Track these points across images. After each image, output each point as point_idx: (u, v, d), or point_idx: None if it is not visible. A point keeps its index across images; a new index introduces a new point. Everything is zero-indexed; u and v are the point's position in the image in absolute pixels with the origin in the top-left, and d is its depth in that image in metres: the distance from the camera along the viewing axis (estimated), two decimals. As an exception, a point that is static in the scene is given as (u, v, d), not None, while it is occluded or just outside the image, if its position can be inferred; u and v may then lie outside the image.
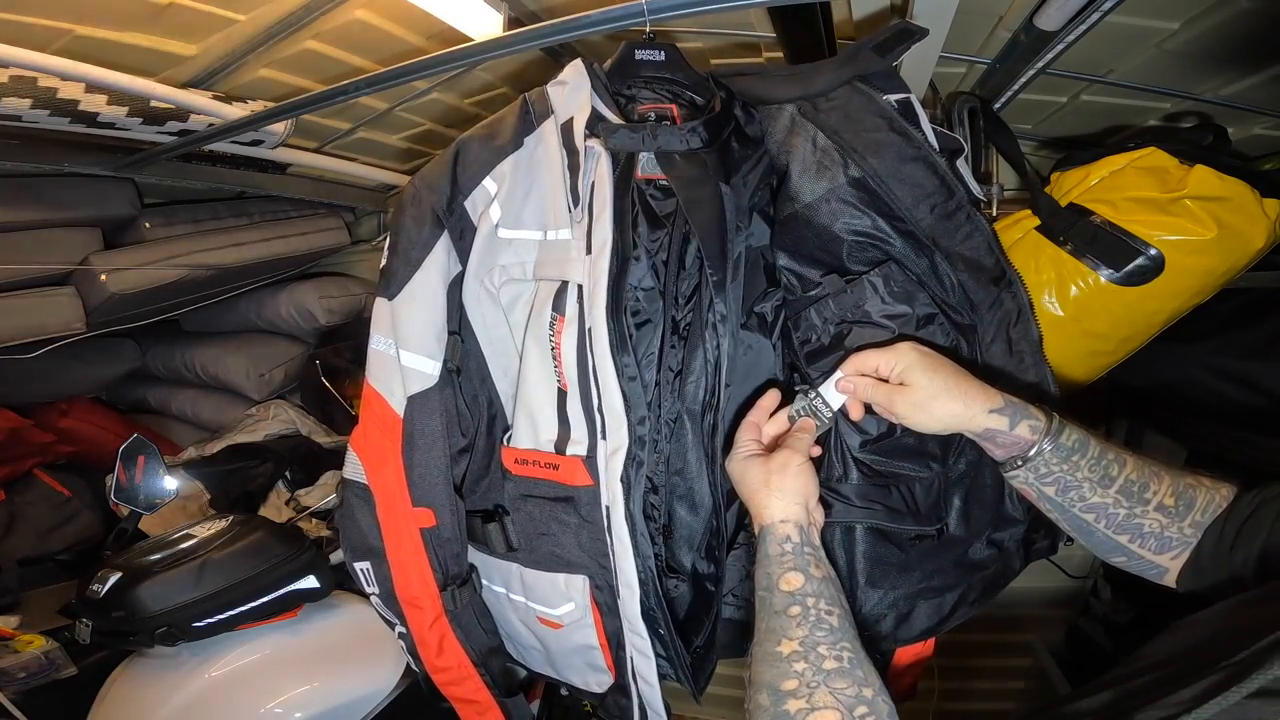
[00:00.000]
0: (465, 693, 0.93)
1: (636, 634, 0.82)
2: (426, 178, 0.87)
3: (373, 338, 0.87)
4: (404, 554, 0.87)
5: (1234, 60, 1.13)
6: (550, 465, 0.84)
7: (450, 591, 0.88)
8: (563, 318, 0.81)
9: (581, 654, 0.91)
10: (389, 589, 0.88)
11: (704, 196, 0.83)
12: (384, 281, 0.87)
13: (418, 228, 0.85)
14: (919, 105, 0.85)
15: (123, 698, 1.19)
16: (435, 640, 0.89)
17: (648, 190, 0.88)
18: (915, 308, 0.82)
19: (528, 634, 0.95)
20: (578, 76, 0.87)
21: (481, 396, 0.91)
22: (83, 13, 1.14)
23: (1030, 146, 1.66)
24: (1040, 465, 0.69)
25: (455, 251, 0.86)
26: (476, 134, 0.88)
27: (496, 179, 0.85)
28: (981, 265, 0.84)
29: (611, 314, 0.78)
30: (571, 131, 0.83)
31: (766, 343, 0.89)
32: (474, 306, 0.88)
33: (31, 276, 1.71)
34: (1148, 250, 1.10)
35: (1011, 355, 0.85)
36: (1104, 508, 0.68)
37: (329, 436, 2.31)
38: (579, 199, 0.81)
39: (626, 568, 0.79)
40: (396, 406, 0.85)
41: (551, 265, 0.82)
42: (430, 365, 0.85)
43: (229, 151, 1.68)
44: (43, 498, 1.98)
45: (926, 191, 0.82)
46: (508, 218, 0.85)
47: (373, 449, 0.87)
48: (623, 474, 0.78)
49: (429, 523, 0.86)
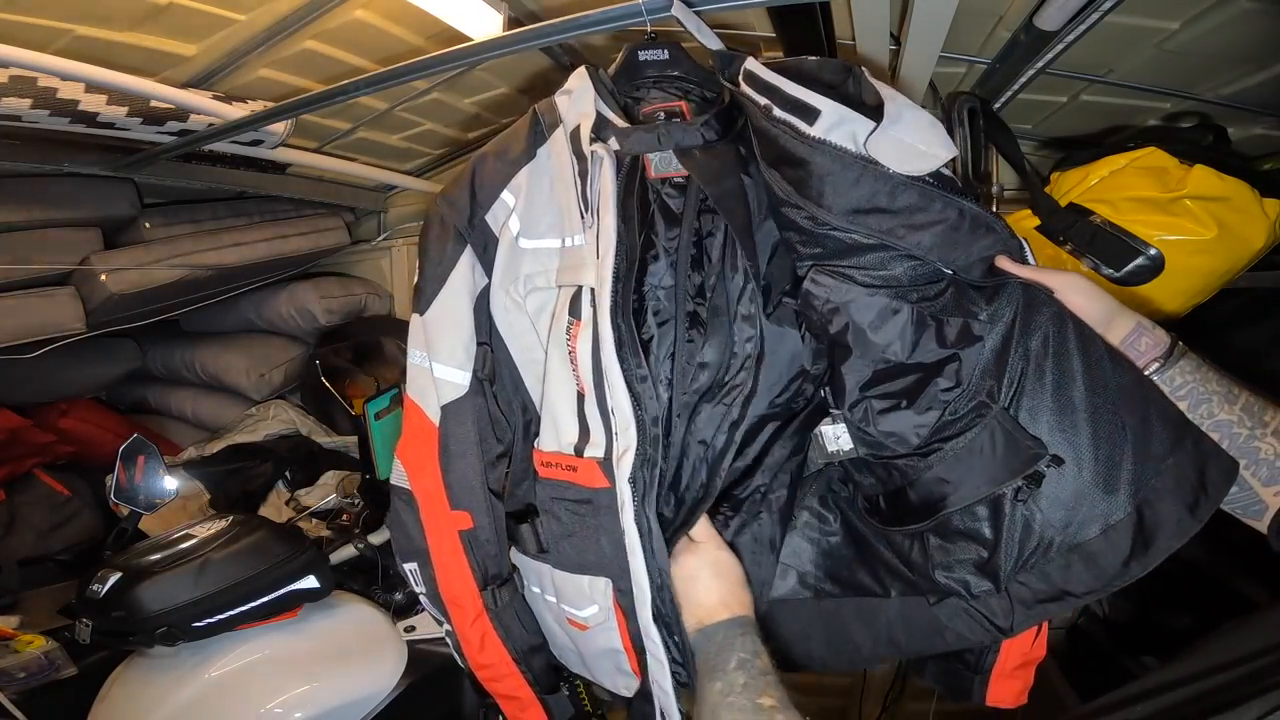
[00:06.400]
0: (507, 689, 0.95)
1: (649, 638, 0.82)
2: (448, 196, 0.90)
3: (410, 352, 0.91)
4: (445, 555, 0.90)
5: (1234, 60, 1.13)
6: (570, 467, 0.85)
7: (490, 590, 0.91)
8: (579, 322, 0.82)
9: (609, 657, 0.91)
10: (434, 589, 0.91)
11: (729, 189, 0.84)
12: (416, 298, 0.90)
13: (441, 245, 0.87)
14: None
15: (123, 698, 1.19)
16: (477, 638, 0.92)
17: (663, 189, 0.88)
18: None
19: (562, 635, 0.96)
20: (582, 84, 0.88)
21: (516, 403, 0.93)
22: (83, 13, 1.14)
23: (1030, 146, 1.66)
24: (1176, 375, 0.73)
25: (480, 265, 0.89)
26: (491, 149, 0.90)
27: (513, 191, 0.87)
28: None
29: (619, 314, 0.78)
30: (579, 138, 0.84)
31: (794, 334, 0.88)
32: (502, 316, 0.90)
33: (31, 276, 1.72)
34: (1148, 250, 1.10)
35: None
36: (1229, 425, 0.71)
37: (329, 436, 2.31)
38: (589, 204, 0.82)
39: (638, 570, 0.79)
40: (432, 416, 0.89)
41: (569, 271, 0.84)
42: (461, 376, 0.88)
43: (229, 151, 1.68)
44: (43, 498, 1.98)
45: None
46: (527, 228, 0.86)
47: (414, 456, 0.90)
48: (632, 474, 0.78)
49: (466, 525, 0.89)
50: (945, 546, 0.78)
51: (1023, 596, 0.77)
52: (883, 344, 0.77)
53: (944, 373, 0.75)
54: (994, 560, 0.75)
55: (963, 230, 0.74)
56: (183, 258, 1.92)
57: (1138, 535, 0.71)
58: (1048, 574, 0.75)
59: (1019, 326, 0.74)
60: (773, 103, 0.77)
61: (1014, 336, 0.74)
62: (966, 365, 0.75)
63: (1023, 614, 0.77)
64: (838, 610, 0.90)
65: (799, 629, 0.93)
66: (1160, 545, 0.70)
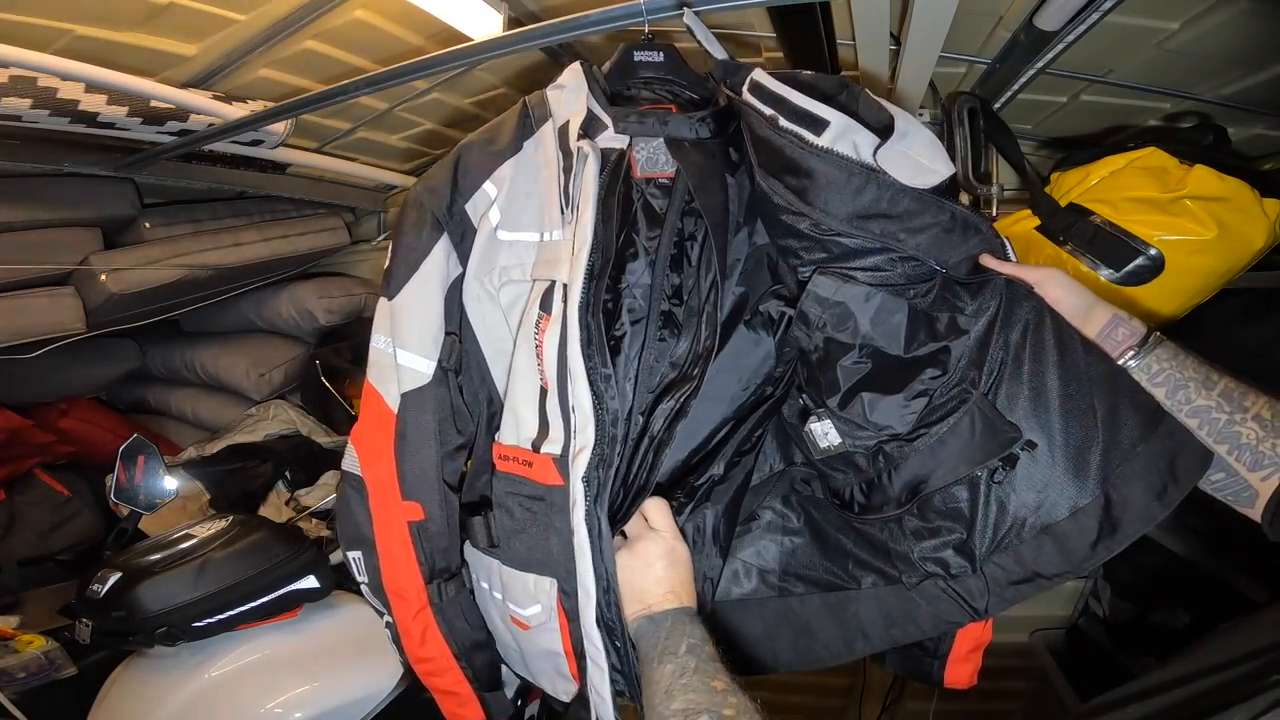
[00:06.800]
0: (446, 684, 0.94)
1: (591, 643, 0.80)
2: (429, 181, 0.89)
3: (374, 336, 0.89)
4: (392, 545, 0.88)
5: (1234, 60, 1.13)
6: (525, 462, 0.84)
7: (436, 584, 0.90)
8: (548, 316, 0.81)
9: (549, 659, 0.91)
10: (377, 579, 0.90)
11: (712, 187, 0.85)
12: (385, 282, 0.89)
13: (417, 231, 0.86)
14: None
15: (123, 698, 1.19)
16: (419, 631, 0.90)
17: (647, 189, 0.89)
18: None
19: (506, 633, 0.95)
20: (575, 79, 0.88)
21: (482, 394, 0.92)
22: (83, 13, 1.14)
23: (1030, 146, 1.66)
24: (1153, 362, 0.74)
25: (455, 254, 0.87)
26: (477, 138, 0.89)
27: (496, 182, 0.86)
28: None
29: (588, 312, 0.78)
30: (567, 134, 0.84)
31: (768, 340, 0.89)
32: (474, 307, 0.89)
33: (31, 276, 1.72)
34: (1148, 250, 1.10)
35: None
36: (1207, 411, 0.71)
37: (329, 436, 2.31)
38: (570, 200, 0.82)
39: (584, 571, 0.78)
40: (391, 403, 0.87)
41: (545, 266, 0.83)
42: (425, 364, 0.87)
43: (229, 151, 1.68)
44: (43, 498, 1.98)
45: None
46: (507, 220, 0.86)
47: (368, 442, 0.89)
48: (586, 473, 0.77)
49: (417, 516, 0.88)
50: (925, 528, 0.82)
51: (997, 577, 0.80)
52: (882, 340, 0.80)
53: (933, 362, 0.80)
54: (971, 540, 0.80)
55: (955, 232, 0.78)
56: (183, 258, 1.92)
57: (1105, 519, 0.75)
58: (1020, 555, 0.79)
59: (1001, 319, 0.78)
60: (779, 113, 0.79)
61: (996, 328, 0.78)
62: (953, 355, 0.79)
63: (997, 595, 0.81)
64: (803, 608, 0.93)
65: (763, 629, 0.94)
66: (1126, 530, 0.74)
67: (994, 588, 0.80)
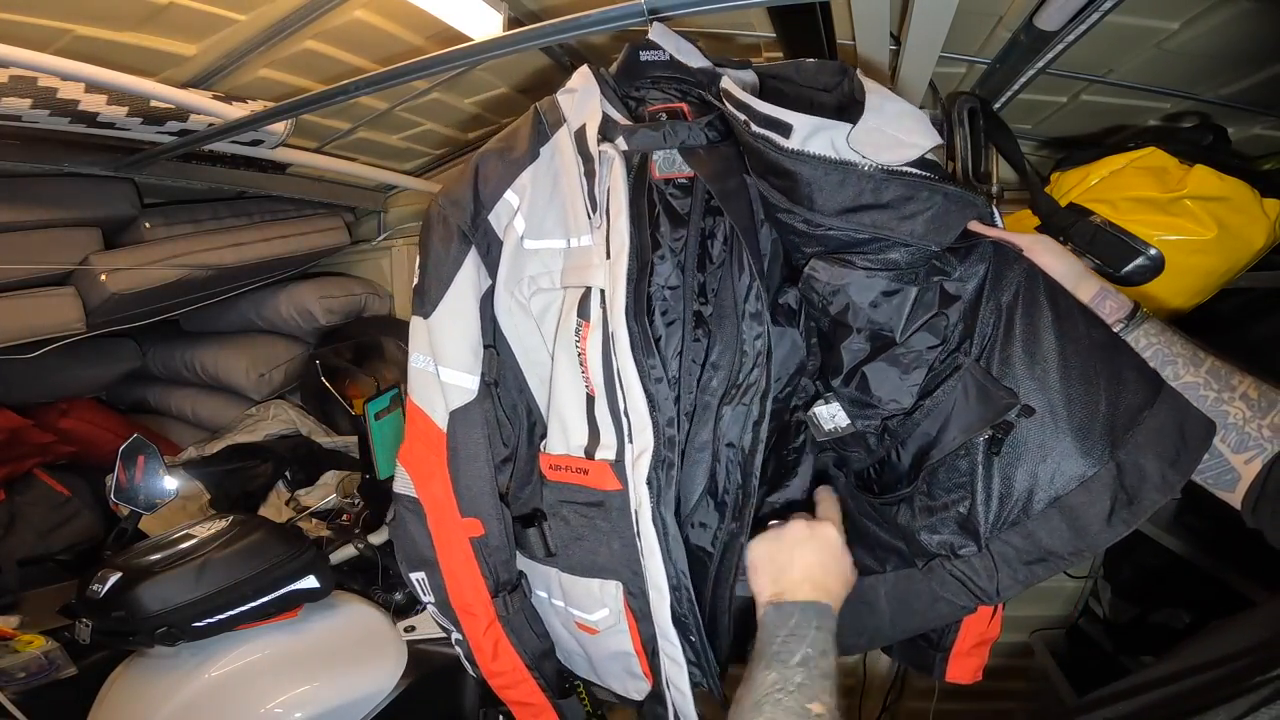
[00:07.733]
0: (521, 695, 0.94)
1: (668, 640, 0.82)
2: (450, 195, 0.88)
3: (412, 355, 0.89)
4: (456, 563, 0.89)
5: (1234, 60, 1.13)
6: (580, 470, 0.84)
7: (502, 597, 0.90)
8: (588, 323, 0.81)
9: (619, 660, 0.91)
10: (444, 597, 0.90)
11: (732, 188, 0.84)
12: (418, 300, 0.88)
13: (445, 246, 0.86)
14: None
15: (123, 698, 1.19)
16: (490, 645, 0.91)
17: (667, 190, 0.88)
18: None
19: (569, 639, 0.96)
20: (586, 83, 0.87)
21: (520, 406, 0.93)
22: (83, 13, 1.14)
23: (1030, 146, 1.66)
24: (1141, 337, 0.74)
25: (484, 266, 0.87)
26: (493, 148, 0.89)
27: (517, 191, 0.86)
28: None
29: (633, 316, 0.78)
30: (585, 138, 0.83)
31: (792, 330, 0.89)
32: (506, 318, 0.89)
33: (31, 276, 1.72)
34: (1148, 250, 1.10)
35: None
36: (1195, 388, 0.71)
37: (329, 436, 2.31)
38: (597, 204, 0.81)
39: (655, 571, 0.79)
40: (439, 422, 0.87)
41: (576, 272, 0.83)
42: (469, 380, 0.87)
43: (229, 151, 1.68)
44: (43, 498, 1.98)
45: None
46: (532, 229, 0.86)
47: (420, 463, 0.89)
48: (649, 476, 0.78)
49: (478, 532, 0.88)
50: (930, 506, 0.80)
51: (1007, 556, 0.76)
52: (882, 321, 0.79)
53: (931, 331, 0.78)
54: (974, 514, 0.76)
55: (951, 213, 0.76)
56: (183, 258, 1.92)
57: (1120, 490, 0.71)
58: (1030, 532, 0.75)
59: (990, 281, 0.77)
60: (750, 119, 0.78)
61: (985, 291, 0.77)
62: (950, 321, 0.78)
63: (1008, 575, 0.77)
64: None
65: None
66: (1145, 500, 0.70)
67: (1004, 566, 0.77)
